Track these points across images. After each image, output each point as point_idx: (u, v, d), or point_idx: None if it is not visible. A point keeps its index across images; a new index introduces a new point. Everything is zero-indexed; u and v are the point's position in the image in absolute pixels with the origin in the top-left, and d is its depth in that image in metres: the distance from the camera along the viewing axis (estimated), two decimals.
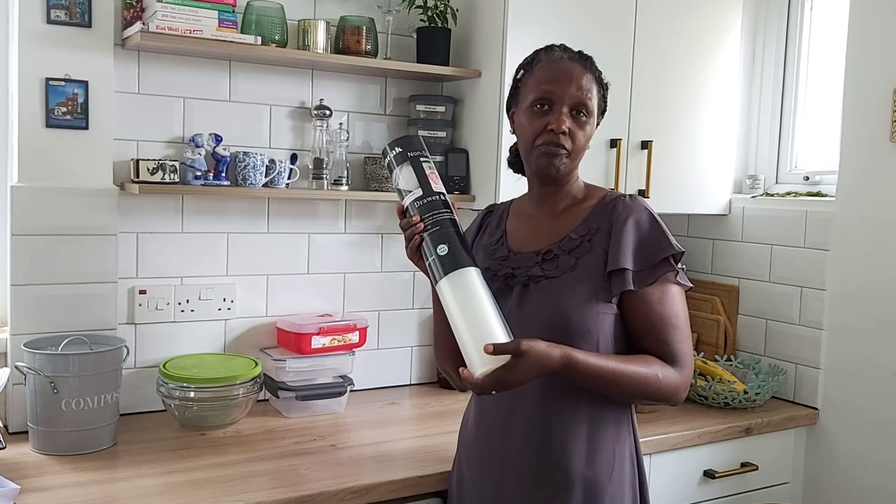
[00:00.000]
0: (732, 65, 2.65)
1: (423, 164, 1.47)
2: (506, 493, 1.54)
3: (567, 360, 1.39)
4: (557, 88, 1.51)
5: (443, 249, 1.40)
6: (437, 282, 1.41)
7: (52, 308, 1.98)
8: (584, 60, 1.56)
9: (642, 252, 1.50)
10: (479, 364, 1.34)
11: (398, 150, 1.49)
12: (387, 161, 1.51)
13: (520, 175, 1.68)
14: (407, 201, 1.46)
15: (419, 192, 1.45)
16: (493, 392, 1.35)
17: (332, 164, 2.32)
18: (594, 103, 1.54)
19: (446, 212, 1.44)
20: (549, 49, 1.58)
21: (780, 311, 2.55)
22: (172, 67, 2.16)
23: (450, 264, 1.39)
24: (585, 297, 1.48)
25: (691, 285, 1.57)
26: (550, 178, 1.57)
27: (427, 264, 1.42)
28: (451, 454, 1.76)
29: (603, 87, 1.58)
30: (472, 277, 1.39)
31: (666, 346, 1.49)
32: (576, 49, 1.59)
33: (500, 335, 1.35)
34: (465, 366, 1.65)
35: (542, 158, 1.53)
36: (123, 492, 1.67)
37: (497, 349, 1.32)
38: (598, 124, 1.60)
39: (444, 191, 1.47)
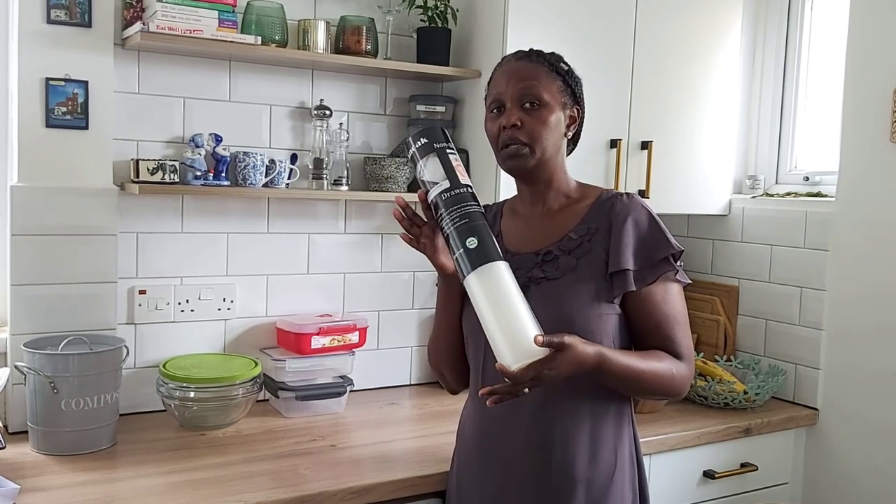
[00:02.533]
0: (732, 65, 2.65)
1: (450, 156, 1.45)
2: (508, 494, 1.54)
3: (601, 358, 1.39)
4: (504, 88, 1.54)
5: (472, 242, 1.37)
6: (465, 276, 1.38)
7: (51, 308, 1.98)
8: (531, 56, 1.56)
9: (642, 251, 1.50)
10: (512, 358, 1.31)
11: (423, 140, 1.47)
12: (410, 152, 1.49)
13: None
14: (433, 194, 1.43)
15: (446, 185, 1.42)
16: (527, 390, 1.33)
17: (332, 164, 2.32)
18: (548, 93, 1.52)
19: (475, 204, 1.42)
20: (501, 60, 1.60)
21: (780, 311, 2.55)
22: (172, 67, 2.16)
23: (480, 257, 1.36)
24: (588, 298, 1.48)
25: (690, 281, 1.58)
26: (526, 176, 1.57)
27: (455, 258, 1.40)
28: (451, 454, 1.75)
29: (564, 75, 1.56)
30: (503, 271, 1.37)
31: (672, 343, 1.51)
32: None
33: (534, 329, 1.33)
34: (464, 369, 1.66)
35: (507, 160, 1.54)
36: (123, 492, 1.67)
37: (545, 342, 1.30)
38: (582, 119, 1.59)
39: (471, 183, 1.45)
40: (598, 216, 1.55)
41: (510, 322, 1.33)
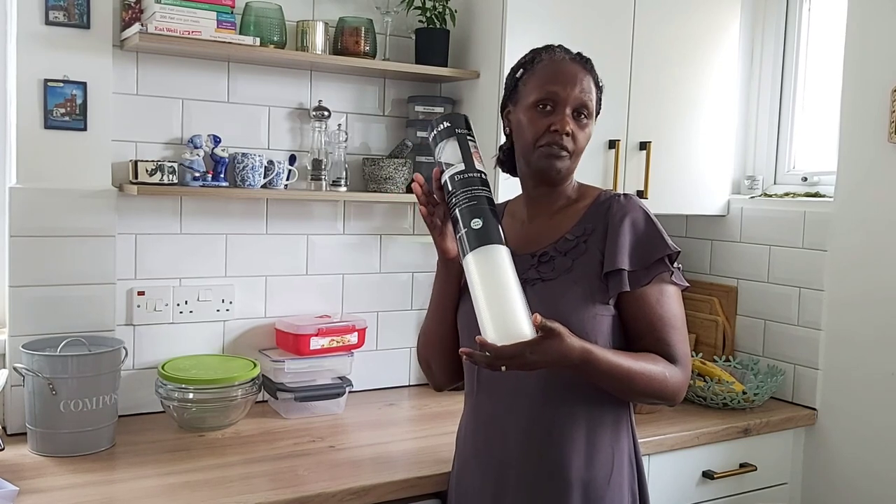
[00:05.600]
0: (731, 65, 2.65)
1: (469, 143, 1.48)
2: (505, 496, 1.54)
3: (586, 353, 1.37)
4: (561, 89, 1.51)
5: (477, 223, 1.39)
6: (465, 254, 1.39)
7: (50, 309, 1.98)
8: (584, 62, 1.57)
9: (638, 252, 1.50)
10: (497, 336, 1.31)
11: (446, 124, 1.50)
12: (432, 134, 1.51)
13: (508, 175, 1.69)
14: (447, 174, 1.46)
15: (461, 167, 1.45)
16: (504, 368, 1.31)
17: (331, 165, 2.32)
18: (594, 105, 1.56)
19: (485, 189, 1.44)
20: (549, 49, 1.58)
21: (779, 311, 2.55)
22: (171, 68, 2.16)
23: (482, 238, 1.38)
24: (582, 299, 1.48)
25: (687, 284, 1.57)
26: (549, 179, 1.57)
27: (458, 237, 1.42)
28: (450, 455, 1.75)
29: (599, 90, 1.59)
30: (503, 255, 1.38)
31: (667, 347, 1.49)
32: (572, 44, 1.61)
33: (524, 314, 1.33)
34: (452, 362, 1.65)
35: (543, 160, 1.53)
36: (122, 493, 1.67)
37: (541, 323, 1.29)
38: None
39: (486, 172, 1.47)
40: (595, 217, 1.55)
41: (501, 303, 1.33)
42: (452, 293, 1.60)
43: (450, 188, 1.45)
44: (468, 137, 1.49)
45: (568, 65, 1.55)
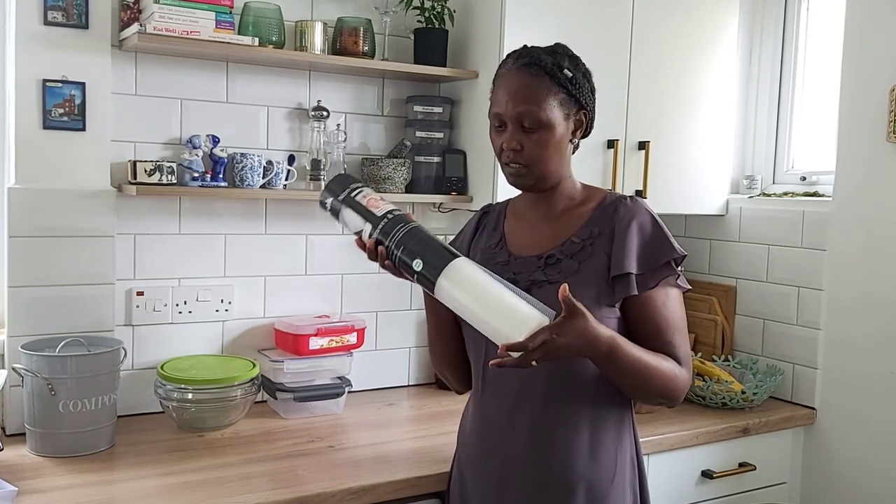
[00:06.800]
0: (729, 64, 2.65)
1: (358, 198, 1.47)
2: (508, 496, 1.54)
3: (613, 342, 1.37)
4: (502, 108, 1.51)
5: (418, 265, 1.38)
6: (433, 293, 1.39)
7: (49, 310, 1.98)
8: (532, 67, 1.49)
9: (645, 255, 1.50)
10: (517, 332, 1.28)
11: (330, 199, 1.50)
12: (328, 213, 1.52)
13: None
14: (366, 240, 1.46)
15: (369, 227, 1.45)
16: (535, 362, 1.29)
17: (330, 165, 2.32)
18: (548, 112, 1.48)
19: (401, 226, 1.42)
20: (506, 60, 1.56)
21: (778, 311, 2.55)
22: (170, 69, 2.16)
23: (434, 269, 1.37)
24: (589, 302, 1.46)
25: (690, 287, 1.58)
26: (528, 189, 1.57)
27: (416, 282, 1.42)
28: (450, 455, 1.76)
29: (567, 84, 1.50)
30: (463, 266, 1.37)
31: (672, 348, 1.49)
32: (570, 44, 1.57)
33: (525, 304, 1.32)
34: (465, 369, 1.65)
35: (509, 177, 1.55)
36: (121, 494, 1.67)
37: (568, 298, 1.28)
38: (590, 118, 1.56)
39: (391, 206, 1.46)
40: (602, 220, 1.55)
41: (499, 304, 1.32)
42: (442, 309, 1.60)
43: (379, 248, 1.44)
44: (353, 194, 1.47)
45: (513, 77, 1.51)
